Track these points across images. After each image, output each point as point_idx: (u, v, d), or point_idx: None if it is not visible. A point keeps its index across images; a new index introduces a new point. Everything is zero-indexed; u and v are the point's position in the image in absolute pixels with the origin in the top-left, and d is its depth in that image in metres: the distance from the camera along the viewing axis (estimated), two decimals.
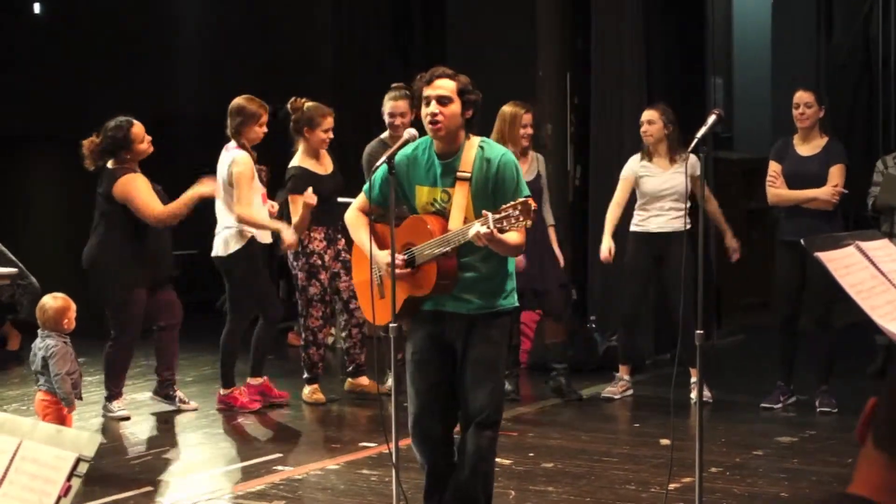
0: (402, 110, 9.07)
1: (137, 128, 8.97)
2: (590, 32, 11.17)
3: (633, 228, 9.44)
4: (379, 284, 6.05)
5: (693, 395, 9.19)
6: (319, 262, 9.34)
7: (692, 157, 9.19)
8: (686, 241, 8.88)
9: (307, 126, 9.24)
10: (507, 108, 9.29)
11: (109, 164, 8.98)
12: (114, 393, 9.20)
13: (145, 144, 8.99)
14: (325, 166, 9.38)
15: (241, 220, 9.05)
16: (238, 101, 9.18)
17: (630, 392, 9.69)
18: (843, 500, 2.11)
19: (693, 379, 9.22)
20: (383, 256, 5.93)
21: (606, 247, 9.36)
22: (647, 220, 9.36)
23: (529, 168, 9.44)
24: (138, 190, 8.91)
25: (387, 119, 9.17)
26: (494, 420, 5.99)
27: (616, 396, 9.61)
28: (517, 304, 6.09)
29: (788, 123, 9.21)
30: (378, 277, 6.07)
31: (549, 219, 9.66)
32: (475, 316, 5.91)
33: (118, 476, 7.70)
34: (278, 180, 9.40)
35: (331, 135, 9.31)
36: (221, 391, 9.41)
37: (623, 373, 9.71)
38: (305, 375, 9.61)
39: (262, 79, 12.68)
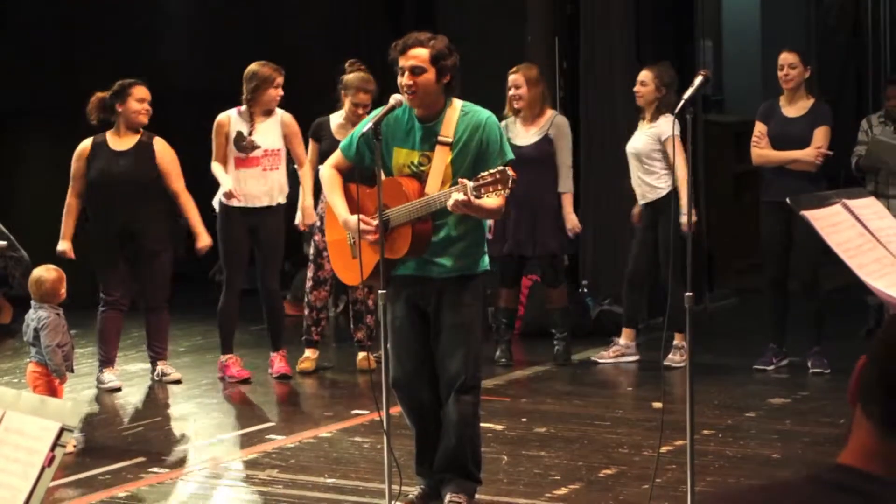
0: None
1: (140, 89, 9.03)
2: None
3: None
4: (352, 245, 6.04)
5: (671, 356, 9.19)
6: (319, 223, 9.25)
7: (662, 120, 9.08)
8: (673, 205, 8.87)
9: (345, 91, 9.20)
10: None
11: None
12: (105, 359, 9.16)
13: (139, 106, 9.00)
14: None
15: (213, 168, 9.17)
16: (251, 66, 9.17)
17: (626, 358, 9.58)
18: (832, 471, 2.06)
19: (675, 342, 9.21)
20: (355, 220, 5.91)
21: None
22: (635, 186, 9.37)
23: (538, 129, 9.38)
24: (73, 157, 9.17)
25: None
26: (472, 384, 5.99)
27: (609, 361, 9.55)
28: (489, 267, 6.09)
29: (779, 85, 9.19)
30: (350, 238, 6.06)
31: (563, 186, 9.49)
32: (447, 279, 5.91)
33: (110, 447, 7.70)
34: None
35: (359, 111, 9.14)
36: (221, 357, 9.41)
37: (625, 337, 9.60)
38: (302, 338, 9.60)
39: (254, 51, 12.61)
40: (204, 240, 9.10)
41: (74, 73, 12.27)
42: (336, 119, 9.23)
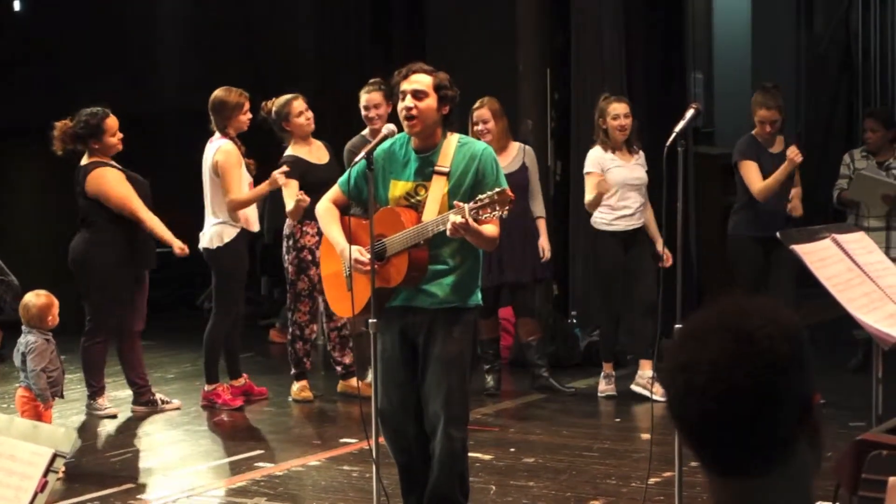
0: (376, 102, 9.04)
1: (112, 120, 8.91)
2: (569, 27, 11.17)
3: (601, 227, 9.31)
4: (347, 276, 6.05)
5: (633, 386, 9.25)
6: (310, 257, 9.23)
7: (642, 153, 9.36)
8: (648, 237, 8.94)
9: (284, 121, 9.23)
10: None
11: (83, 161, 8.93)
12: (96, 389, 9.12)
13: (115, 139, 8.90)
14: (317, 156, 9.26)
15: (233, 206, 9.00)
16: (217, 94, 9.15)
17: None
18: None
19: (639, 371, 9.22)
20: (353, 250, 5.93)
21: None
22: (617, 220, 9.28)
23: (513, 160, 9.39)
24: (109, 183, 8.83)
25: (363, 113, 9.14)
26: (459, 418, 5.96)
27: (614, 393, 9.50)
28: (480, 302, 6.08)
29: None
30: (347, 269, 6.07)
31: (538, 210, 9.50)
32: (438, 311, 5.90)
33: (99, 473, 7.69)
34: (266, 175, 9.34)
35: (309, 114, 9.21)
36: (205, 387, 9.37)
37: (607, 369, 9.61)
38: (293, 371, 9.53)
39: (243, 72, 12.65)
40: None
41: (67, 93, 12.28)
42: (295, 149, 9.24)
